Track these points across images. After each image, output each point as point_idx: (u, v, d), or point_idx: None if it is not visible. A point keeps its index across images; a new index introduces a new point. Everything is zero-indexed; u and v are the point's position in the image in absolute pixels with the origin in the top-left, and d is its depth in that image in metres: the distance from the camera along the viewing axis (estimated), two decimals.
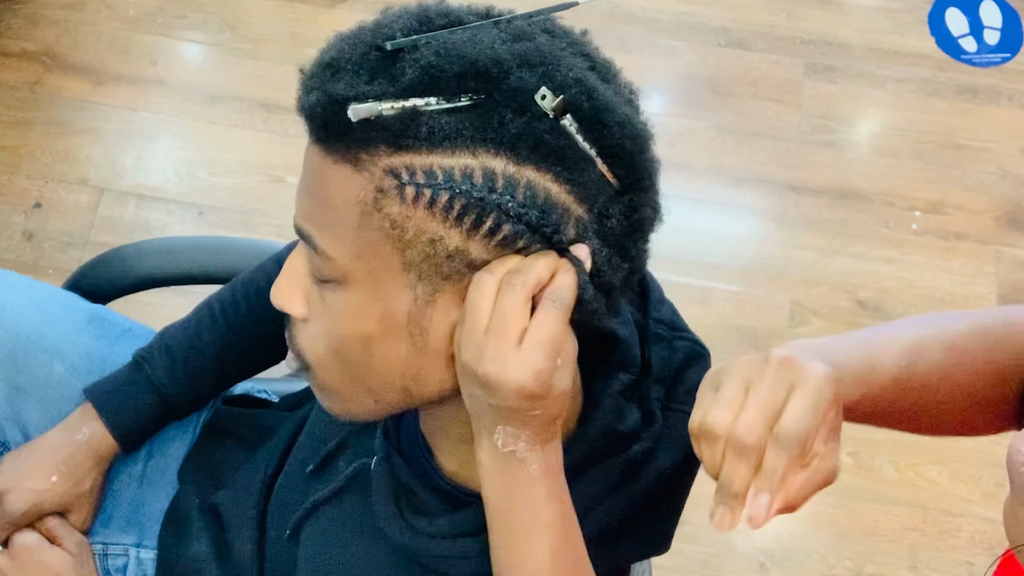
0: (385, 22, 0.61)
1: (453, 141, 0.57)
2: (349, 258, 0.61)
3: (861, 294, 1.88)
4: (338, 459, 0.85)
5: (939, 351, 0.71)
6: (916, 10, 2.17)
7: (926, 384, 0.70)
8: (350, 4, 2.07)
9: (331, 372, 0.67)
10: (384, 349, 0.64)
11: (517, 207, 0.58)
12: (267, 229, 1.86)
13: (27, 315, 1.00)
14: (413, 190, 0.58)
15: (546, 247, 0.60)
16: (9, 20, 2.06)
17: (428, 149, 0.57)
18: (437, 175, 0.57)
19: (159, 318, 1.05)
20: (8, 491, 0.93)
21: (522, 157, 0.58)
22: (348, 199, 0.59)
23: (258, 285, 0.99)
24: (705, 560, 1.64)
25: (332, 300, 0.64)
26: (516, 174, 0.58)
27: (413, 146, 0.57)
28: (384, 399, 0.68)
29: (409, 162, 0.58)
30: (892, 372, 0.69)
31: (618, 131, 0.59)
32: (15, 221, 1.87)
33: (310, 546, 0.82)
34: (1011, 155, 2.02)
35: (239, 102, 2.00)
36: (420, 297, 0.61)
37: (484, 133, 0.57)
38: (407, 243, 0.59)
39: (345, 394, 0.69)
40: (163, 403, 0.97)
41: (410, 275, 0.60)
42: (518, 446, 0.63)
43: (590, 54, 0.63)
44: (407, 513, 0.73)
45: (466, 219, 0.58)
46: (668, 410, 0.77)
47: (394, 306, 0.62)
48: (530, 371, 0.59)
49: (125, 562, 1.01)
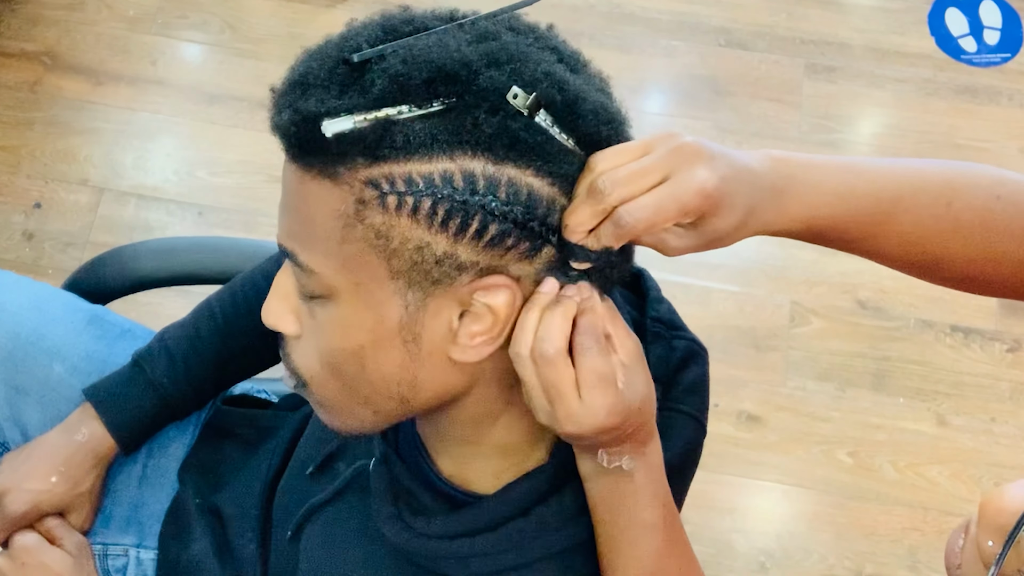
0: (350, 35, 0.60)
1: (429, 147, 0.57)
2: (335, 272, 0.61)
3: (861, 294, 1.88)
4: (338, 461, 0.85)
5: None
6: (916, 10, 2.17)
7: (918, 217, 0.68)
8: (350, 4, 2.07)
9: (328, 387, 0.67)
10: (377, 359, 0.63)
11: (501, 206, 0.58)
12: (267, 229, 1.86)
13: (26, 316, 1.00)
14: (395, 199, 0.57)
15: (535, 242, 0.60)
16: (9, 20, 2.06)
17: (405, 157, 0.57)
18: (417, 182, 0.57)
19: (159, 318, 1.05)
20: (7, 492, 0.93)
21: (500, 156, 0.58)
22: (329, 213, 0.59)
23: (257, 285, 0.99)
24: (705, 560, 1.62)
25: (322, 315, 0.64)
26: (496, 173, 0.58)
27: (390, 155, 0.57)
28: (382, 409, 0.67)
29: (388, 172, 0.57)
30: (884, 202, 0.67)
31: (593, 119, 0.60)
32: (15, 221, 1.87)
33: (310, 547, 0.82)
34: (1011, 155, 2.02)
35: (239, 102, 2.00)
36: (411, 304, 0.61)
37: (459, 136, 0.57)
38: (393, 252, 0.59)
39: (343, 408, 0.69)
40: (163, 403, 0.97)
41: (398, 283, 0.60)
42: (622, 460, 0.66)
43: (557, 47, 0.63)
44: (406, 514, 0.73)
45: (451, 223, 0.58)
46: (666, 409, 0.77)
47: (384, 315, 0.61)
48: (600, 414, 0.61)
49: (125, 562, 1.01)
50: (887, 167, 0.68)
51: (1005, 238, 0.68)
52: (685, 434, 0.77)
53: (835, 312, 1.86)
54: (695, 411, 0.78)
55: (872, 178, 0.66)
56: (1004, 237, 0.68)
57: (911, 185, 0.67)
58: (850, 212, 0.65)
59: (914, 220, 0.67)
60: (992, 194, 0.68)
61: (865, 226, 0.66)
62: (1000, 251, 0.68)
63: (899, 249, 0.68)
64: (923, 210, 0.67)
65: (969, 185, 0.68)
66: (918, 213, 0.67)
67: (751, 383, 1.79)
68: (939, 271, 0.71)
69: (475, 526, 0.70)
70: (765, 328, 1.84)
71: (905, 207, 0.66)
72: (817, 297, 1.87)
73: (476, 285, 0.60)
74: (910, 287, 1.88)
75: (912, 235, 0.68)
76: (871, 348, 1.84)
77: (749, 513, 1.71)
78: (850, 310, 1.86)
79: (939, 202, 0.68)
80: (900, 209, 0.66)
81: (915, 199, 0.67)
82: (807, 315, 1.86)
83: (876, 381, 1.81)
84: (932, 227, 0.68)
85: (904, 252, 0.69)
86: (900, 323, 1.86)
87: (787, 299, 1.86)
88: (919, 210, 0.67)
